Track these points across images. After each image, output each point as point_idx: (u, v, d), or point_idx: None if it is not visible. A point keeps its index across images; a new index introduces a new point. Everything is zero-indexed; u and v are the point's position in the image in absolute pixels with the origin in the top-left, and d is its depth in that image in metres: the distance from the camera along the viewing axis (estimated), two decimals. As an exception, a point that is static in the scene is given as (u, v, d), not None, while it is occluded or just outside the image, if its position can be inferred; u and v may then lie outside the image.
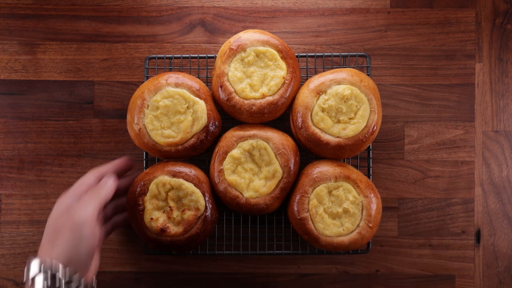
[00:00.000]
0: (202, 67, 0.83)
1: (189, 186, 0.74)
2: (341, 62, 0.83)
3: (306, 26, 0.85)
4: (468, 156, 0.84)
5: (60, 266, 0.65)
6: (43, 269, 0.65)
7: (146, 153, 0.80)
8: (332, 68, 0.81)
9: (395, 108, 0.84)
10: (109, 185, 0.74)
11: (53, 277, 0.65)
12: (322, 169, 0.76)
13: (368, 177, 0.81)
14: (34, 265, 0.65)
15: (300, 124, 0.76)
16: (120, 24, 0.85)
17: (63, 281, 0.65)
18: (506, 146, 0.84)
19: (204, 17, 0.85)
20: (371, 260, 0.83)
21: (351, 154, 0.77)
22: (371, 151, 0.82)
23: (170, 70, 0.83)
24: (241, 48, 0.76)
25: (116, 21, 0.85)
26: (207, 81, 0.82)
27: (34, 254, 0.67)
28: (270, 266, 0.83)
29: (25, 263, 0.82)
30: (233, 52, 0.76)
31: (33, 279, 0.65)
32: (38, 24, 0.85)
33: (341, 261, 0.83)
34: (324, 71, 0.81)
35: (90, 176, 0.74)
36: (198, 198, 0.74)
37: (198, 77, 0.82)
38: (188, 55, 0.82)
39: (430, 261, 0.83)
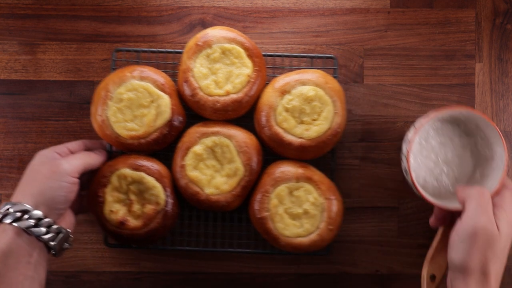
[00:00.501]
0: (170, 61, 0.83)
1: (150, 180, 0.75)
2: (311, 63, 0.83)
3: (306, 26, 0.85)
4: (468, 156, 0.84)
5: (30, 207, 0.65)
6: (14, 209, 0.65)
7: (110, 146, 0.80)
8: (299, 69, 0.81)
9: (395, 108, 0.84)
10: (102, 155, 0.76)
11: (22, 217, 0.64)
12: (284, 169, 0.76)
13: (332, 179, 0.80)
14: (4, 207, 0.65)
15: (263, 123, 0.76)
16: (120, 24, 0.85)
17: (32, 221, 0.64)
18: (506, 146, 0.84)
19: (204, 17, 0.85)
20: (371, 260, 0.83)
21: (314, 155, 0.77)
22: (335, 154, 0.81)
23: (138, 63, 0.82)
24: (207, 45, 0.76)
25: (116, 21, 0.85)
26: (175, 76, 0.82)
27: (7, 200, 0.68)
28: (270, 266, 0.83)
29: None
30: (199, 48, 0.77)
31: (1, 220, 0.65)
32: (38, 24, 0.85)
33: (341, 261, 0.83)
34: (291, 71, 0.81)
35: (74, 144, 0.76)
36: (159, 192, 0.75)
37: (166, 72, 0.81)
38: (156, 49, 0.82)
39: (430, 261, 0.83)
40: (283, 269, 0.83)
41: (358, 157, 0.83)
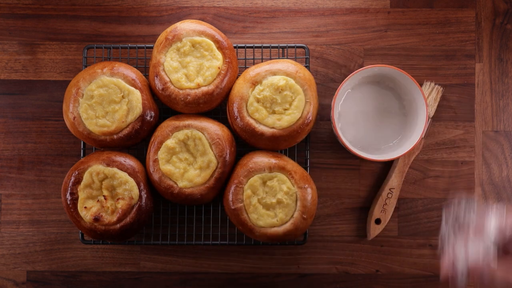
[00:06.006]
0: (142, 57, 0.83)
1: (122, 175, 0.75)
2: (284, 53, 0.83)
3: (306, 26, 0.85)
4: (468, 156, 0.84)
5: None
6: None
7: (84, 143, 0.80)
8: (270, 59, 0.81)
9: (395, 108, 0.84)
10: None
11: None
12: (257, 159, 0.76)
13: (306, 168, 0.81)
14: None
15: (235, 114, 0.77)
16: (120, 24, 0.85)
17: None
18: (506, 146, 0.84)
19: (204, 17, 0.85)
20: (371, 260, 0.83)
21: (287, 145, 0.78)
22: (309, 143, 0.81)
23: (109, 59, 0.82)
24: (177, 38, 0.77)
25: (116, 21, 0.85)
26: (147, 72, 0.82)
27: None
28: (270, 266, 0.83)
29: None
30: (169, 42, 0.77)
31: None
32: (38, 24, 0.85)
33: (341, 261, 0.83)
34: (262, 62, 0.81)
35: None
36: (132, 187, 0.75)
37: (138, 67, 0.81)
38: (126, 45, 0.82)
39: (430, 261, 0.83)
40: (283, 269, 0.83)
41: (358, 157, 0.83)
